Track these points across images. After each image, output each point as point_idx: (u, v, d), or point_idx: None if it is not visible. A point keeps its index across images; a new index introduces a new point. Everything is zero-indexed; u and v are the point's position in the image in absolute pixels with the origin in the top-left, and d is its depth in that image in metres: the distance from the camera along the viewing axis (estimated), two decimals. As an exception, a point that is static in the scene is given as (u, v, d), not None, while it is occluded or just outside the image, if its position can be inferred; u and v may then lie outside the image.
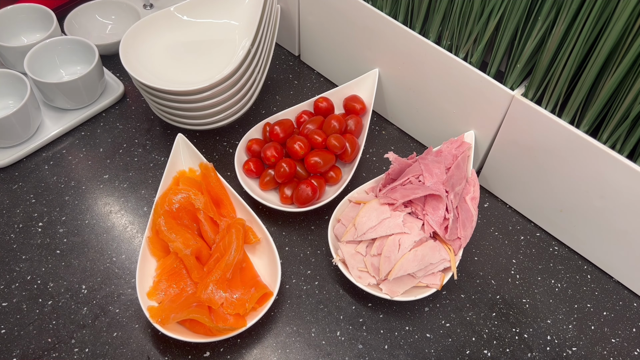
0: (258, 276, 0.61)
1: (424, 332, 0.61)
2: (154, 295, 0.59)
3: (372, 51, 0.74)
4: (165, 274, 0.60)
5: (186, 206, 0.64)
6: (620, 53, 0.52)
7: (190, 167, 0.68)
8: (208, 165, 0.67)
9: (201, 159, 0.68)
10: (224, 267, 0.58)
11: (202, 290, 0.57)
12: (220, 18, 0.78)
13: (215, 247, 0.61)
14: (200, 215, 0.63)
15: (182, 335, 0.56)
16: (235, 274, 0.59)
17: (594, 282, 0.66)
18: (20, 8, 0.82)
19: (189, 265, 0.60)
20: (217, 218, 0.64)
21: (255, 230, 0.64)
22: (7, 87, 0.74)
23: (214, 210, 0.64)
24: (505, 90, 0.62)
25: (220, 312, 0.57)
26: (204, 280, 0.58)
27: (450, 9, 0.64)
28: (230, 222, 0.63)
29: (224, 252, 0.60)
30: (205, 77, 0.73)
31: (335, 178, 0.69)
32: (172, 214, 0.63)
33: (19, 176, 0.72)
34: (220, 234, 0.62)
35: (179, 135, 0.68)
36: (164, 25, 0.76)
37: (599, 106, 0.57)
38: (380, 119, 0.82)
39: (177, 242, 0.60)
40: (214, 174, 0.66)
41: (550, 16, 0.56)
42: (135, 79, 0.68)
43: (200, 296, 0.57)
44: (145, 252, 0.61)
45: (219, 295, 0.57)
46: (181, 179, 0.66)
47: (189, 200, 0.63)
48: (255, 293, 0.58)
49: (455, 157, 0.65)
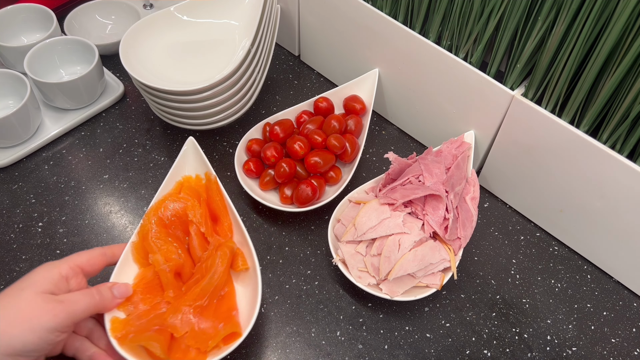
0: (235, 309, 0.55)
1: (424, 332, 0.61)
2: (124, 307, 0.53)
3: (372, 51, 0.74)
4: (141, 285, 0.55)
5: (181, 216, 0.59)
6: (620, 53, 0.52)
7: (198, 174, 0.63)
8: (211, 177, 0.62)
9: (208, 168, 0.63)
10: (198, 292, 0.53)
11: (170, 313, 0.52)
12: (220, 18, 0.78)
13: (197, 267, 0.56)
14: (192, 228, 0.58)
15: (135, 358, 0.50)
16: (212, 301, 0.54)
17: (594, 282, 0.66)
18: (20, 8, 0.82)
19: (165, 281, 0.55)
20: (209, 234, 0.59)
21: (246, 256, 0.58)
22: (7, 87, 0.74)
23: (209, 225, 0.59)
24: (505, 90, 0.62)
25: (182, 342, 0.51)
26: (176, 302, 0.53)
27: (450, 9, 0.64)
28: (221, 242, 0.58)
29: (204, 275, 0.55)
30: (205, 77, 0.73)
31: (335, 178, 0.69)
32: (164, 222, 0.58)
33: (19, 176, 0.72)
34: (207, 252, 0.57)
35: (190, 138, 0.64)
36: (164, 25, 0.76)
37: (599, 106, 0.57)
38: (380, 119, 0.82)
39: (158, 254, 0.55)
40: (217, 187, 0.62)
41: (550, 16, 0.56)
42: (135, 79, 0.68)
43: (166, 319, 0.52)
44: (127, 258, 0.56)
45: (186, 320, 0.52)
46: (185, 186, 0.62)
47: (185, 211, 0.59)
48: (222, 330, 0.52)
49: (455, 157, 0.65)
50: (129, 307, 0.53)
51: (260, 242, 0.67)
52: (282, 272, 0.65)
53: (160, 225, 0.58)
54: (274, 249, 0.67)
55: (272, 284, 0.64)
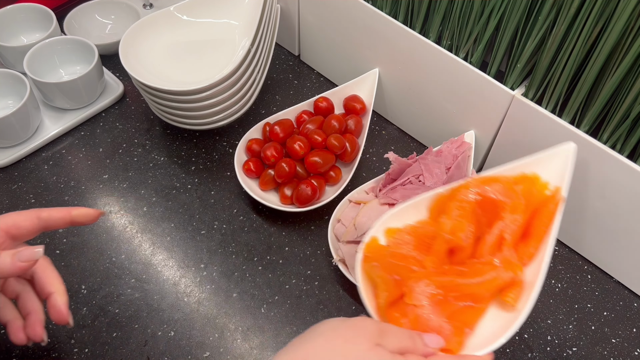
0: (471, 329, 0.47)
1: (424, 332, 0.61)
2: (392, 235, 0.49)
3: (372, 51, 0.74)
4: (415, 231, 0.50)
5: (497, 206, 0.50)
6: (620, 53, 0.52)
7: (548, 181, 0.53)
8: (558, 196, 0.52)
9: (564, 185, 0.52)
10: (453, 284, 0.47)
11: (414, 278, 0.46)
12: (220, 18, 0.78)
13: (472, 261, 0.49)
14: (498, 225, 0.50)
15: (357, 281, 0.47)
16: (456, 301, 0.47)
17: (594, 282, 0.66)
18: (20, 8, 0.82)
19: (436, 248, 0.49)
20: (508, 245, 0.49)
21: (523, 296, 0.48)
22: (7, 87, 0.74)
23: (516, 237, 0.50)
24: (505, 90, 0.62)
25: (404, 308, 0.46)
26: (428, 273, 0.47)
27: (450, 9, 0.64)
28: (512, 262, 0.49)
29: (471, 274, 0.48)
30: (204, 76, 0.73)
31: (335, 178, 0.69)
32: (481, 198, 0.50)
33: (18, 176, 0.71)
34: (491, 258, 0.49)
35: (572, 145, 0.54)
36: (164, 25, 0.76)
37: (599, 106, 0.57)
38: (380, 119, 0.82)
39: (449, 222, 0.49)
40: (554, 210, 0.51)
41: (550, 16, 0.56)
42: (135, 78, 0.68)
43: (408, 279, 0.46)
44: (423, 201, 0.52)
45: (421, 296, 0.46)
46: (526, 181, 0.53)
47: (505, 204, 0.50)
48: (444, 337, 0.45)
49: (455, 157, 0.65)
50: (395, 237, 0.50)
51: (260, 242, 0.67)
52: (282, 272, 0.65)
53: (477, 199, 0.51)
54: (274, 249, 0.67)
55: (272, 284, 0.64)
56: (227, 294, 0.62)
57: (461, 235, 0.48)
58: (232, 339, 0.59)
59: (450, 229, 0.49)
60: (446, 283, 0.47)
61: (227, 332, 0.60)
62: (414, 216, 0.52)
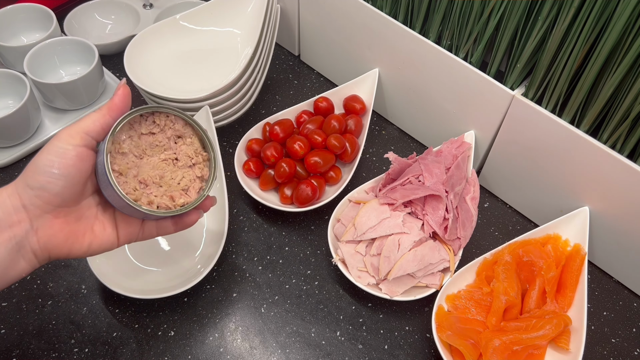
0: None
1: (423, 332, 0.61)
2: (452, 301, 0.59)
3: (372, 51, 0.74)
4: (473, 293, 0.59)
5: (534, 264, 0.61)
6: (620, 53, 0.52)
7: (568, 239, 0.63)
8: (581, 252, 0.61)
9: (583, 243, 0.62)
10: (518, 339, 0.55)
11: (486, 338, 0.55)
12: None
13: (525, 317, 0.58)
14: (539, 281, 0.60)
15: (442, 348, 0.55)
16: (522, 354, 0.56)
17: (594, 282, 0.66)
18: (20, 8, 0.82)
19: (495, 309, 0.58)
20: (550, 297, 0.59)
21: (572, 338, 0.57)
22: (7, 87, 0.74)
23: (554, 289, 0.60)
24: (505, 90, 0.62)
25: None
26: (493, 332, 0.56)
27: (450, 9, 0.64)
28: (558, 312, 0.58)
29: (528, 330, 0.56)
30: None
31: (335, 178, 0.69)
32: (520, 260, 0.61)
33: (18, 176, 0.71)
34: (540, 310, 0.58)
35: (584, 208, 0.63)
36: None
37: (599, 106, 0.57)
38: (380, 119, 0.82)
39: (501, 284, 0.58)
40: (581, 264, 0.60)
41: (550, 16, 0.56)
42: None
43: (481, 340, 0.55)
44: (472, 267, 0.61)
45: (498, 351, 0.54)
46: (551, 241, 0.63)
47: (539, 264, 0.60)
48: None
49: (455, 157, 0.65)
50: (456, 303, 0.59)
51: (260, 242, 0.67)
52: (282, 272, 0.65)
53: (515, 260, 0.61)
54: (274, 249, 0.67)
55: (272, 284, 0.64)
56: (227, 294, 0.63)
57: (512, 294, 0.58)
58: (232, 339, 0.59)
59: (504, 290, 0.58)
60: (513, 339, 0.55)
61: (227, 332, 0.60)
62: (465, 280, 0.61)
